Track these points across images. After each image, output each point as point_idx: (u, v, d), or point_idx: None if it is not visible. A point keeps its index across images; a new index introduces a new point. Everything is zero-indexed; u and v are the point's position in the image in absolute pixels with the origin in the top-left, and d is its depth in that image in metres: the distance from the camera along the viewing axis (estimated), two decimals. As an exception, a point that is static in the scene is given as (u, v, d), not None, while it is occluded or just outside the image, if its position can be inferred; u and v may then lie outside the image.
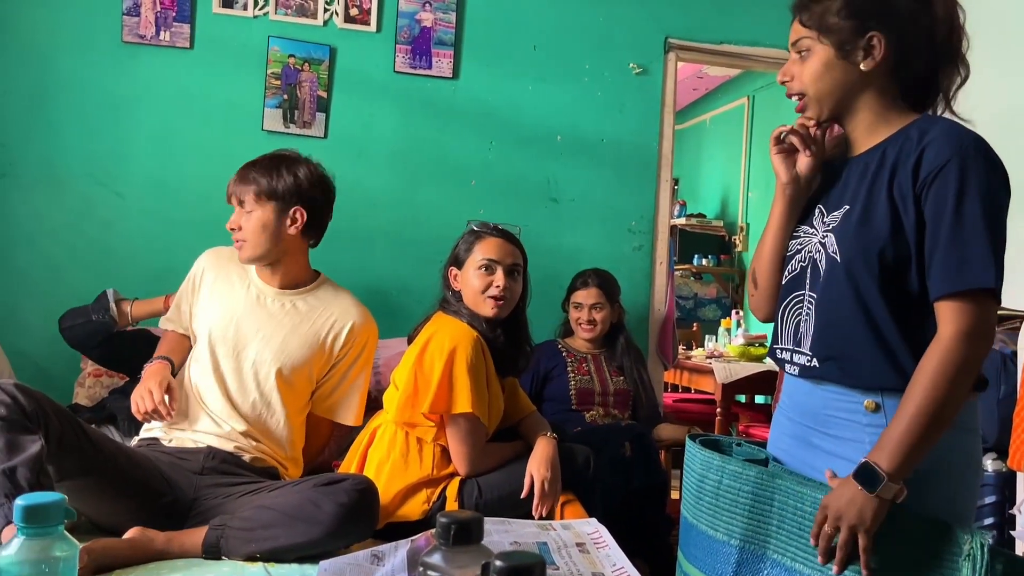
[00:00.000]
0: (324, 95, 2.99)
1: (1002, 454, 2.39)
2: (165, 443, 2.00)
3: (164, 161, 2.90)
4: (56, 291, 2.81)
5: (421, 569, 0.89)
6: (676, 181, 6.59)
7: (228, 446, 1.99)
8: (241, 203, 2.10)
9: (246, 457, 2.00)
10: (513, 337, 2.20)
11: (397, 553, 1.53)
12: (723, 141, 6.46)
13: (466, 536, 0.88)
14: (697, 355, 4.44)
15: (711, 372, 3.83)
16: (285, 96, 2.96)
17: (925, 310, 1.26)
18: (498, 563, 0.74)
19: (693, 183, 6.88)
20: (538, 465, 2.04)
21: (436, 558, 0.88)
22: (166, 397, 1.95)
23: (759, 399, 4.85)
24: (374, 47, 3.04)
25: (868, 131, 1.37)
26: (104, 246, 2.86)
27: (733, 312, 4.96)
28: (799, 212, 1.45)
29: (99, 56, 2.87)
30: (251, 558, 1.66)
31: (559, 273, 3.01)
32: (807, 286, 1.37)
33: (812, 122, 1.41)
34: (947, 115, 1.36)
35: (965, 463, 1.30)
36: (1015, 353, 2.46)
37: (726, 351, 4.26)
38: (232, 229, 2.11)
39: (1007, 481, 2.43)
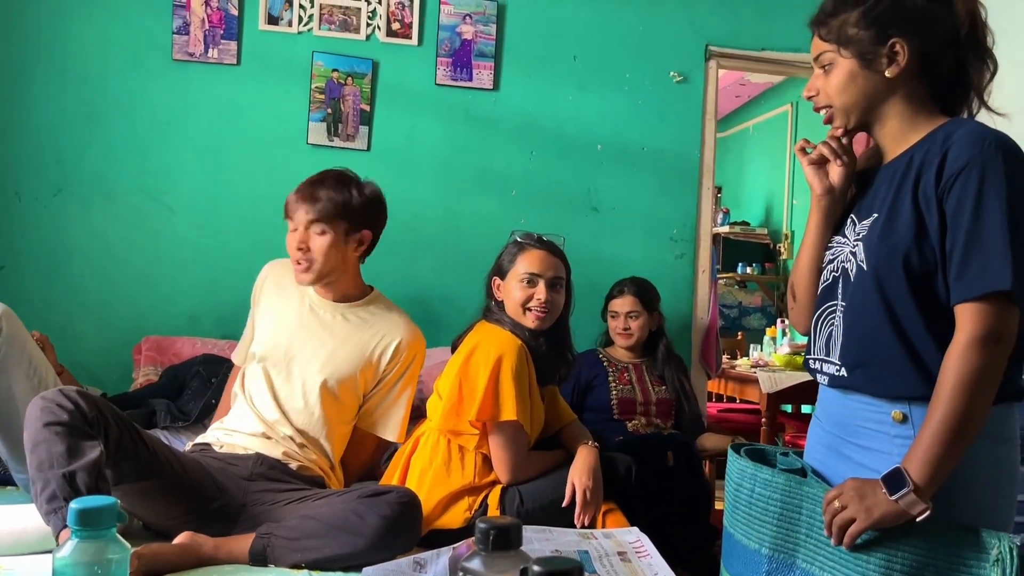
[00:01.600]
0: (367, 108, 3.04)
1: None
2: (216, 449, 2.04)
3: (212, 175, 2.98)
4: (109, 302, 2.90)
5: (461, 574, 0.90)
6: (719, 189, 6.53)
7: (276, 453, 2.03)
8: (311, 223, 2.09)
9: (293, 465, 2.04)
10: (556, 346, 2.20)
11: (439, 560, 1.55)
12: (766, 148, 6.39)
13: (505, 542, 0.89)
14: (742, 364, 4.39)
15: (756, 382, 3.78)
16: (329, 110, 3.01)
17: (954, 316, 1.23)
18: (536, 568, 0.75)
19: (736, 191, 6.81)
20: (580, 474, 2.04)
21: (475, 563, 0.89)
22: None
23: (805, 409, 4.77)
24: (416, 60, 3.08)
25: (897, 138, 1.35)
26: (155, 258, 2.93)
27: (778, 321, 4.90)
28: (834, 223, 1.43)
29: (150, 74, 2.96)
30: (296, 567, 1.68)
31: (600, 282, 3.01)
32: (839, 296, 1.36)
33: (840, 132, 1.40)
34: (982, 111, 1.34)
35: (997, 474, 1.27)
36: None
37: (771, 360, 4.21)
38: (300, 249, 2.09)
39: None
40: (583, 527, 1.97)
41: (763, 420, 3.74)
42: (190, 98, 2.97)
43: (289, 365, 2.12)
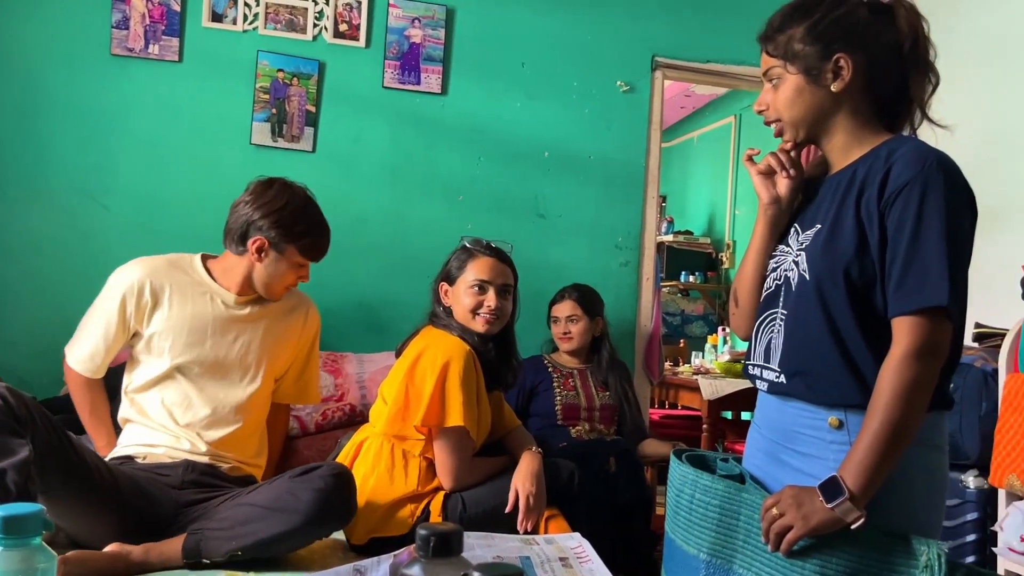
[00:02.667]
0: (313, 109, 3.00)
1: (984, 471, 2.41)
2: (139, 460, 1.95)
3: (151, 174, 2.90)
4: (39, 305, 2.80)
5: (400, 581, 0.89)
6: (664, 198, 6.62)
7: (205, 459, 1.97)
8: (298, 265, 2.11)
9: (224, 467, 1.99)
10: (502, 352, 2.21)
11: (380, 567, 1.53)
12: (710, 159, 6.50)
13: (446, 548, 0.88)
14: (684, 371, 4.44)
15: (697, 388, 3.83)
16: (274, 110, 2.97)
17: (891, 328, 1.26)
18: (476, 574, 0.74)
19: (681, 200, 6.91)
20: (523, 479, 2.04)
21: (415, 570, 0.87)
22: None
23: (745, 415, 4.85)
24: (363, 62, 3.06)
25: (843, 151, 1.38)
26: (88, 259, 2.84)
27: (720, 329, 4.98)
28: (779, 232, 1.46)
29: (88, 69, 2.88)
30: (233, 558, 1.65)
31: (546, 289, 3.02)
32: (781, 304, 1.39)
33: (790, 145, 1.42)
34: (924, 124, 1.37)
35: (928, 480, 1.29)
36: (996, 371, 2.47)
37: (712, 367, 4.27)
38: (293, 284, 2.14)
39: (988, 498, 2.44)
40: (526, 533, 1.97)
41: (704, 426, 3.79)
42: (129, 94, 2.90)
43: (217, 370, 2.03)
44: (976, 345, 2.71)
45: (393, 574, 1.35)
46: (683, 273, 6.10)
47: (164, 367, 1.99)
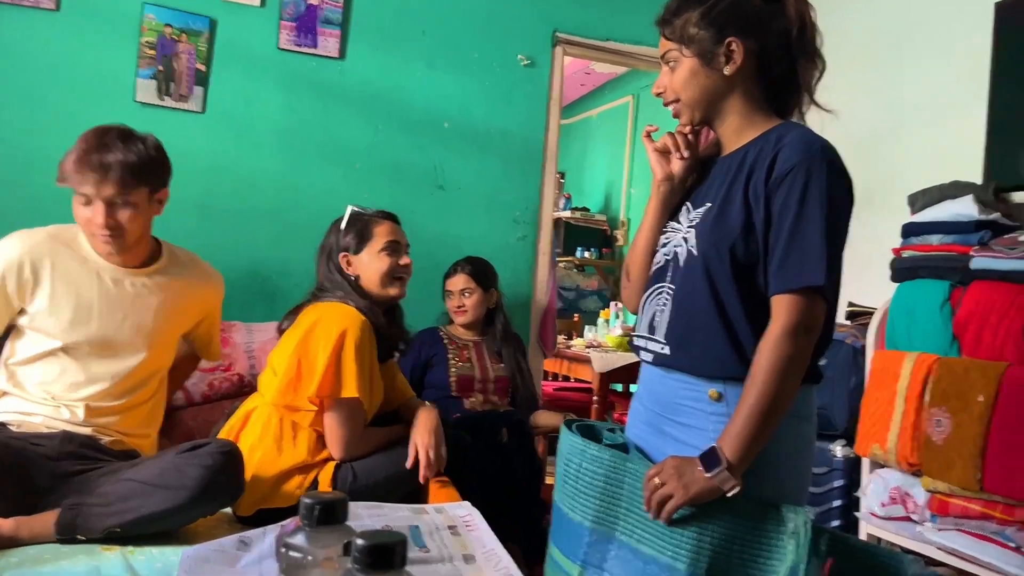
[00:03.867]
0: (203, 68, 2.88)
1: (851, 441, 2.56)
2: (14, 428, 1.85)
3: (27, 129, 2.72)
4: None
5: (283, 549, 0.88)
6: (562, 175, 6.69)
7: (86, 430, 1.89)
8: (112, 197, 1.86)
9: (105, 440, 1.91)
10: (394, 320, 2.21)
11: (265, 539, 1.51)
12: (608, 137, 6.60)
13: (330, 516, 0.88)
14: (577, 345, 4.53)
15: (589, 361, 3.92)
16: (160, 67, 2.83)
17: (770, 306, 1.32)
18: (359, 542, 0.74)
19: (579, 177, 7.00)
20: (421, 434, 2.06)
21: (299, 538, 0.87)
22: None
23: (634, 388, 4.99)
24: (257, 21, 2.95)
25: (736, 133, 1.43)
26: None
27: (612, 304, 5.10)
28: (671, 209, 1.51)
29: (-48, 13, 2.67)
30: (111, 534, 1.59)
31: (444, 261, 3.01)
32: (668, 278, 1.43)
33: (688, 128, 1.47)
34: (812, 108, 1.43)
35: (796, 448, 1.37)
36: (865, 347, 2.63)
37: (604, 341, 4.37)
38: (107, 227, 1.86)
39: (854, 466, 2.60)
40: (426, 481, 2.02)
41: (595, 398, 3.89)
42: (2, 43, 2.70)
43: (106, 348, 1.94)
44: (848, 323, 2.87)
45: (278, 544, 1.34)
46: (579, 249, 6.19)
47: (49, 346, 1.89)
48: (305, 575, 0.85)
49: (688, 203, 1.46)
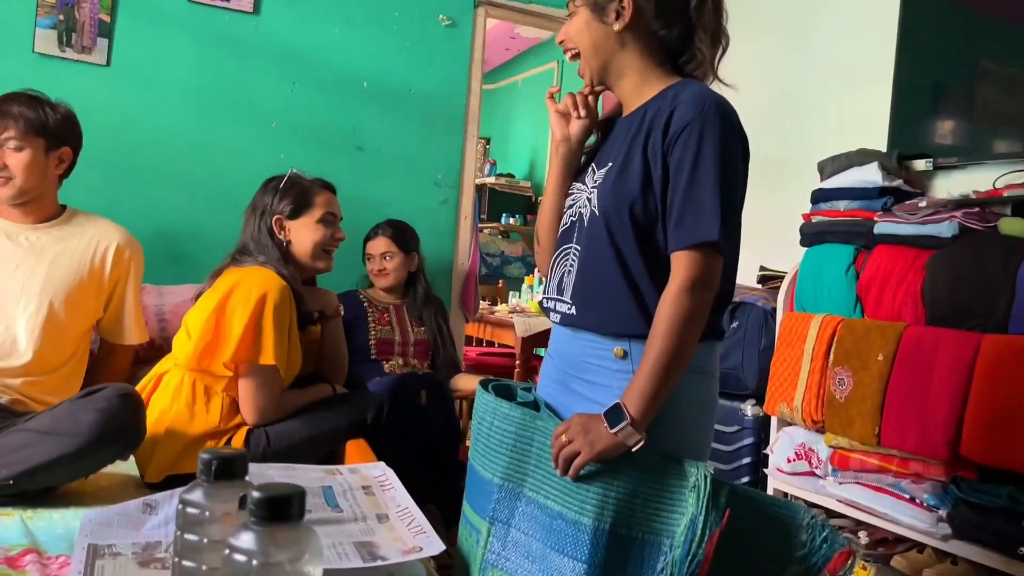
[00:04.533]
0: (107, 19, 2.75)
1: (761, 400, 2.65)
2: None
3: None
4: None
5: (181, 506, 0.86)
6: (487, 141, 6.66)
7: None
8: (6, 140, 1.98)
9: (4, 399, 1.85)
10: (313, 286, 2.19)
11: (171, 502, 1.47)
12: (533, 104, 6.58)
13: (228, 471, 0.87)
14: (501, 310, 4.56)
15: (512, 326, 3.95)
16: (61, 16, 2.69)
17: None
18: (255, 494, 0.73)
19: (504, 143, 6.98)
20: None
21: (196, 494, 0.86)
22: None
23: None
24: (166, -29, 2.83)
25: (634, 93, 1.45)
26: None
27: (536, 270, 5.12)
28: (574, 171, 1.52)
29: None
30: (2, 488, 1.53)
31: (364, 223, 2.97)
32: (574, 239, 1.44)
33: (587, 89, 1.49)
34: (714, 84, 1.45)
35: (698, 403, 1.40)
36: (775, 310, 2.71)
37: (527, 307, 4.41)
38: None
39: (763, 425, 2.69)
40: None
41: (517, 362, 3.92)
42: None
43: (2, 300, 1.93)
44: (760, 286, 2.95)
45: (179, 503, 1.31)
46: (504, 215, 6.19)
47: None
48: (202, 531, 0.84)
49: (593, 164, 1.47)
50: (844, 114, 2.96)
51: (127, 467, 1.87)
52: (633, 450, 1.27)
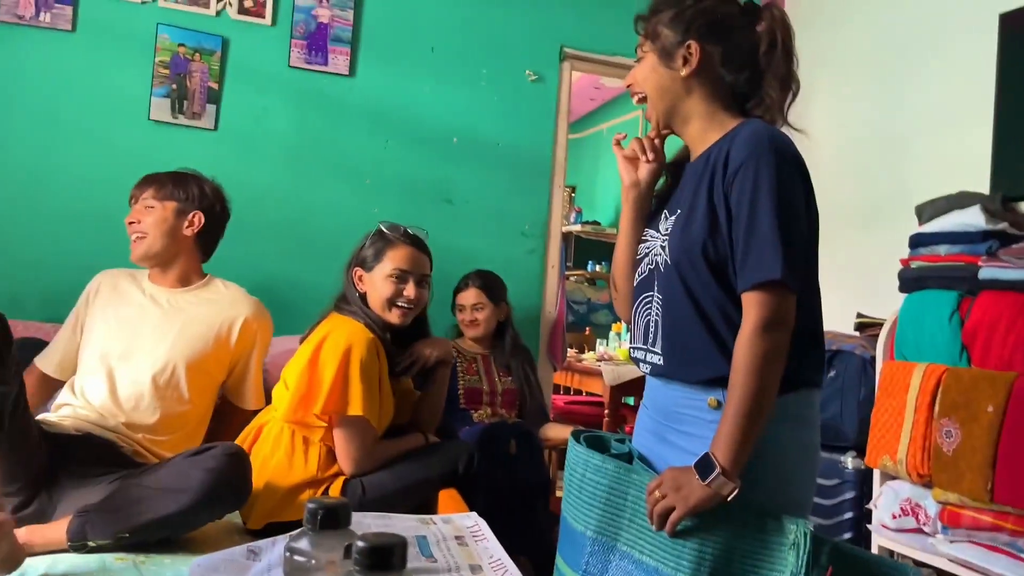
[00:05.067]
0: (215, 86, 2.93)
1: (861, 452, 2.55)
2: (46, 427, 1.90)
3: (43, 147, 2.77)
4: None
5: (288, 553, 0.89)
6: (572, 189, 6.71)
7: (109, 436, 1.96)
8: (140, 199, 2.19)
9: (126, 449, 1.97)
10: (413, 339, 2.21)
11: (274, 548, 1.51)
12: (619, 151, 6.60)
13: (332, 521, 0.89)
14: (588, 358, 4.53)
15: (600, 374, 3.92)
16: (174, 86, 2.88)
17: None
18: (360, 544, 0.76)
19: (590, 191, 7.02)
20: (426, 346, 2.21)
21: (303, 542, 0.88)
22: None
23: (646, 402, 4.97)
24: (269, 40, 3.00)
25: (699, 138, 1.45)
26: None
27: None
28: (645, 215, 1.52)
29: (-29, 35, 2.72)
30: (120, 540, 1.61)
31: (452, 274, 3.03)
32: (655, 287, 1.44)
33: (654, 133, 1.50)
34: (784, 128, 1.43)
35: (797, 454, 1.36)
36: (875, 358, 2.62)
37: (615, 355, 4.37)
38: (131, 223, 2.18)
39: (865, 478, 2.59)
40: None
41: (606, 411, 3.88)
42: (17, 64, 2.76)
43: (133, 359, 2.07)
44: (857, 334, 2.86)
45: (285, 550, 1.35)
46: (590, 262, 6.20)
47: (89, 352, 2.09)
48: (308, 579, 0.86)
49: (666, 210, 1.47)
50: (942, 156, 2.87)
51: (230, 515, 1.93)
52: (728, 499, 1.25)
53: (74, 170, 2.80)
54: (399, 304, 2.12)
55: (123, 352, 2.08)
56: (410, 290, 2.12)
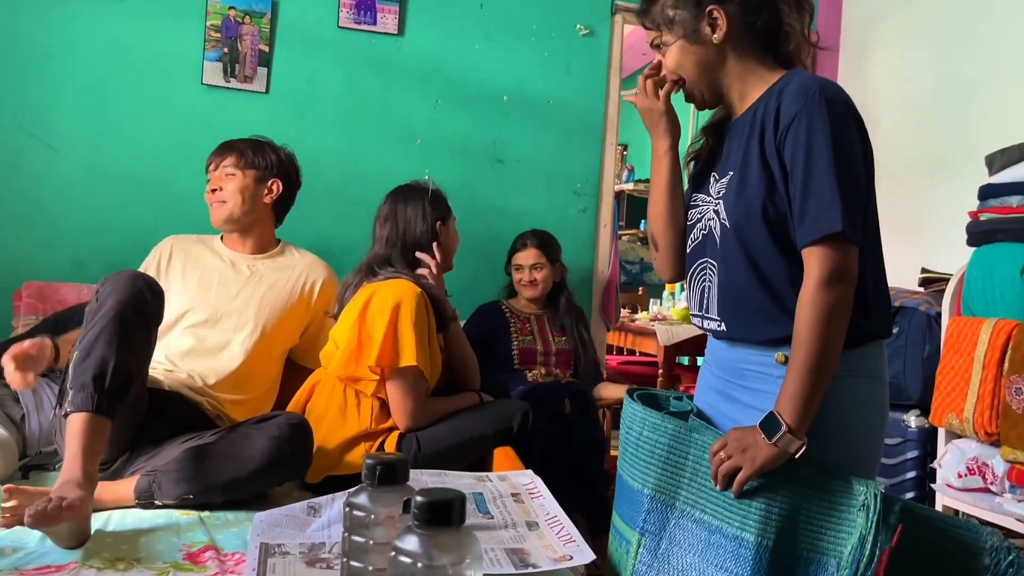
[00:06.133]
0: (266, 49, 2.93)
1: (925, 411, 2.49)
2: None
3: (98, 114, 2.81)
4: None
5: (347, 509, 0.90)
6: (625, 147, 6.61)
7: (196, 397, 2.04)
8: (221, 166, 2.28)
9: (210, 412, 2.05)
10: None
11: (334, 504, 1.54)
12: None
13: (391, 476, 0.90)
14: (641, 318, 4.50)
15: (654, 334, 3.89)
16: (225, 49, 2.89)
17: None
18: (419, 499, 0.76)
19: (642, 149, 6.90)
20: None
21: (362, 498, 0.89)
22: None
23: (700, 360, 4.94)
24: (318, 1, 2.98)
25: (742, 96, 1.42)
26: (35, 200, 2.75)
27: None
28: (676, 159, 1.49)
29: (26, 3, 2.75)
30: (184, 500, 1.66)
31: (504, 234, 3.02)
32: (708, 253, 1.42)
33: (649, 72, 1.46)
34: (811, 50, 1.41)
35: (867, 408, 1.34)
36: (940, 314, 2.55)
37: (669, 314, 4.33)
38: (213, 189, 2.27)
39: (929, 436, 2.53)
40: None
41: (660, 371, 3.86)
42: (72, 30, 2.78)
43: (220, 323, 2.17)
44: (922, 289, 2.78)
45: (345, 506, 1.37)
46: (643, 222, 6.12)
47: (175, 314, 2.17)
48: (367, 533, 0.87)
49: (714, 173, 1.44)
50: (1013, 103, 2.74)
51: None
52: (796, 456, 1.24)
53: (130, 136, 2.84)
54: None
55: (209, 316, 2.17)
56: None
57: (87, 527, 1.47)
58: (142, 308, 1.69)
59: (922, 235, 2.97)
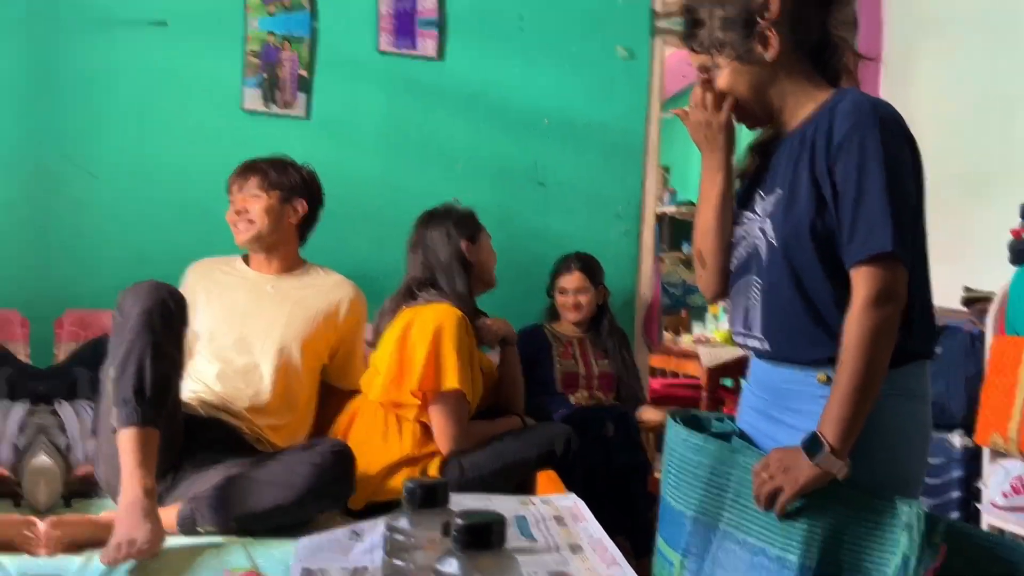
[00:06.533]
0: (305, 74, 2.96)
1: (969, 431, 2.46)
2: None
3: (139, 141, 2.84)
4: (24, 276, 2.74)
5: (388, 532, 0.88)
6: (667, 169, 6.56)
7: (235, 421, 2.03)
8: (244, 188, 2.27)
9: (248, 436, 2.03)
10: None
11: (376, 529, 1.52)
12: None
13: (431, 499, 0.87)
14: (685, 340, 4.44)
15: (697, 357, 3.84)
16: (265, 75, 2.92)
17: None
18: (459, 521, 0.73)
19: (684, 171, 6.85)
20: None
21: (402, 521, 0.87)
22: None
23: (744, 381, 4.85)
24: (358, 26, 3.01)
25: (793, 114, 1.39)
26: (76, 227, 2.78)
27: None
28: (730, 174, 1.45)
29: (69, 31, 2.79)
30: (226, 527, 1.64)
31: (545, 257, 2.99)
32: (754, 271, 1.40)
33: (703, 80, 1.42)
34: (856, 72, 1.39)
35: (910, 428, 1.32)
36: (983, 334, 2.51)
37: (712, 336, 4.27)
38: (238, 211, 2.25)
39: (974, 456, 2.49)
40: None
41: (703, 393, 3.80)
42: (112, 57, 2.82)
43: (245, 344, 2.14)
44: (965, 308, 2.75)
45: (386, 529, 1.34)
46: (684, 244, 6.06)
47: (204, 338, 2.16)
48: (408, 556, 0.85)
49: (760, 190, 1.42)
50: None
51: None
52: (839, 478, 1.22)
53: (171, 162, 2.87)
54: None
55: (237, 339, 2.15)
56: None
57: (163, 535, 1.51)
58: (167, 316, 1.71)
59: (964, 254, 2.92)
